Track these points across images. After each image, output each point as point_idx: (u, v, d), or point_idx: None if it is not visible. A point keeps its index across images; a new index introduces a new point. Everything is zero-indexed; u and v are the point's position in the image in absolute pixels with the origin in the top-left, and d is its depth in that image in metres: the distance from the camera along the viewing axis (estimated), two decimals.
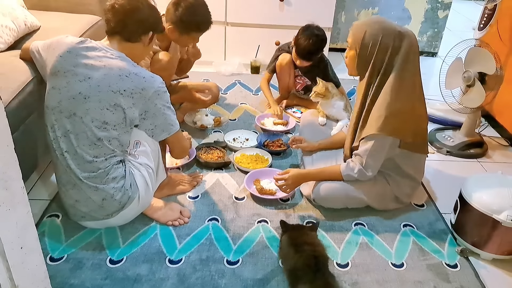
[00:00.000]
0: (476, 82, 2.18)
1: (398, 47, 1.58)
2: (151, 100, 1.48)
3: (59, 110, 1.46)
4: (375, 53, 1.60)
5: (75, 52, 1.47)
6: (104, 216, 1.55)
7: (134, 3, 1.50)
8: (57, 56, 1.47)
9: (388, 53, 1.59)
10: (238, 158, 2.11)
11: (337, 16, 3.61)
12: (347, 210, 1.79)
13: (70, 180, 1.49)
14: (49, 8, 2.47)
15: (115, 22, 1.49)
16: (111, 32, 1.52)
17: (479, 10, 2.33)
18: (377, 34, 1.58)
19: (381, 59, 1.60)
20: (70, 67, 1.45)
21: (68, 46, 1.48)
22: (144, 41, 1.55)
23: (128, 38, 1.52)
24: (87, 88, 1.43)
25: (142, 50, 1.58)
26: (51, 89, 1.48)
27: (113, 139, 1.47)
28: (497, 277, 1.55)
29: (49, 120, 1.48)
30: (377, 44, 1.58)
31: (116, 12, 1.48)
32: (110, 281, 1.43)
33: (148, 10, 1.53)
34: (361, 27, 1.63)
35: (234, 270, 1.50)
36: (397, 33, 1.59)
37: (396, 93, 1.59)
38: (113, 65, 1.45)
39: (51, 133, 1.48)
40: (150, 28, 1.55)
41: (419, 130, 1.70)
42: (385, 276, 1.51)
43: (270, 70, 2.64)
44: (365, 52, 1.61)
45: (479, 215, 1.55)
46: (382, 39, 1.58)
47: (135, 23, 1.51)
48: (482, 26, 2.28)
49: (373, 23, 1.62)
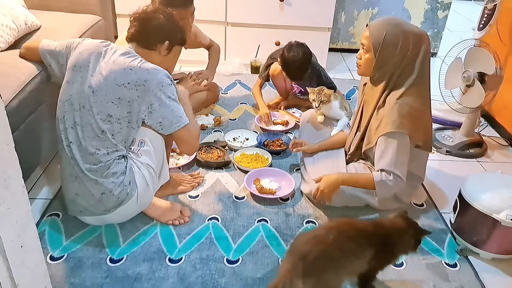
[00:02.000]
0: (475, 82, 2.18)
1: (418, 50, 1.59)
2: (155, 92, 1.50)
3: (70, 103, 1.52)
4: (395, 56, 1.59)
5: (94, 50, 1.55)
6: (102, 211, 1.56)
7: (154, 13, 1.60)
8: (77, 53, 1.56)
9: (407, 56, 1.59)
10: (238, 157, 2.11)
11: (337, 16, 3.62)
12: (347, 210, 1.79)
13: (73, 172, 1.52)
14: (50, 8, 2.47)
15: (134, 28, 1.58)
16: (130, 38, 1.60)
17: (479, 11, 2.33)
18: (397, 37, 1.58)
19: (400, 61, 1.60)
20: (86, 63, 1.53)
21: (90, 45, 1.57)
22: (160, 49, 1.61)
23: (143, 45, 1.59)
24: (96, 82, 1.49)
25: (159, 59, 1.62)
26: (65, 83, 1.56)
27: (117, 133, 1.51)
28: (497, 276, 1.56)
29: (60, 112, 1.54)
30: (398, 47, 1.58)
31: (136, 19, 1.59)
32: (110, 280, 1.43)
33: (166, 21, 1.60)
34: (380, 29, 1.60)
35: (234, 269, 1.50)
36: (416, 36, 1.59)
37: (414, 95, 1.60)
38: (120, 60, 1.51)
39: (61, 124, 1.53)
40: (165, 37, 1.60)
41: (428, 129, 1.72)
42: (384, 275, 1.51)
43: (262, 78, 2.65)
44: (385, 54, 1.60)
45: (479, 215, 1.55)
46: (402, 42, 1.57)
47: (151, 31, 1.58)
48: (481, 26, 2.28)
49: (393, 25, 1.60)
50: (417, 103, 1.61)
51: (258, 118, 2.49)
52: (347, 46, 3.79)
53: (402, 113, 1.59)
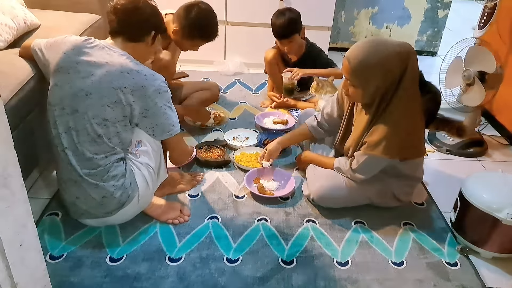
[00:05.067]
0: (476, 81, 2.18)
1: (404, 69, 1.50)
2: (152, 98, 1.48)
3: (61, 107, 1.46)
4: (380, 84, 1.52)
5: (79, 49, 1.48)
6: (104, 213, 1.55)
7: (135, 3, 1.51)
8: (61, 53, 1.48)
9: (396, 78, 1.51)
10: (238, 156, 2.11)
11: (337, 15, 3.61)
12: (347, 209, 1.79)
13: (71, 177, 1.50)
14: (49, 7, 2.47)
15: (117, 22, 1.50)
16: (114, 33, 1.53)
17: (479, 10, 2.33)
18: (378, 63, 1.48)
19: (387, 86, 1.53)
20: (73, 64, 1.46)
21: (72, 44, 1.50)
22: (147, 41, 1.56)
23: (131, 38, 1.53)
24: (89, 85, 1.44)
25: (146, 50, 1.59)
26: (53, 86, 1.49)
27: (114, 137, 1.48)
28: (497, 275, 1.55)
29: (51, 116, 1.49)
30: (382, 73, 1.50)
31: (118, 12, 1.49)
32: (109, 279, 1.43)
33: (149, 9, 1.54)
34: (359, 62, 1.49)
35: (234, 268, 1.50)
36: (398, 55, 1.49)
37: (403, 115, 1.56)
38: (115, 62, 1.46)
39: (53, 129, 1.49)
40: (152, 28, 1.56)
41: (418, 142, 1.69)
42: (385, 274, 1.51)
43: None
44: (370, 84, 1.53)
45: (479, 214, 1.55)
46: (385, 66, 1.49)
47: (137, 23, 1.52)
48: (482, 25, 2.28)
49: (371, 53, 1.49)
50: (406, 123, 1.57)
51: (258, 117, 2.49)
52: (347, 45, 3.79)
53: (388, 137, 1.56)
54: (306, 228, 1.70)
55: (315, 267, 1.52)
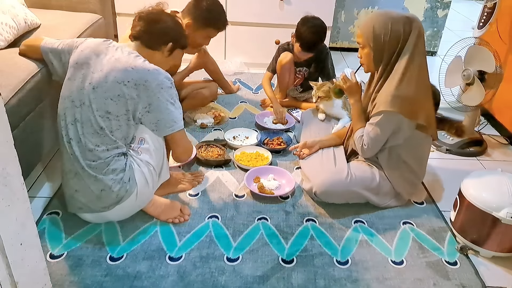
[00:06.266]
0: (475, 81, 2.18)
1: (409, 31, 1.62)
2: (154, 93, 1.50)
3: (70, 100, 1.52)
4: (387, 42, 1.63)
5: (96, 48, 1.56)
6: (101, 208, 1.56)
7: (159, 15, 1.63)
8: (79, 51, 1.58)
9: (400, 39, 1.62)
10: (238, 156, 2.11)
11: (336, 15, 3.62)
12: (346, 207, 1.80)
13: (73, 169, 1.53)
14: (50, 6, 2.47)
15: (139, 27, 1.59)
16: (134, 37, 1.61)
17: (479, 10, 2.33)
18: (386, 23, 1.62)
19: (394, 45, 1.63)
20: (87, 61, 1.54)
21: (91, 43, 1.59)
22: (163, 50, 1.63)
23: (147, 45, 1.60)
24: (96, 79, 1.50)
25: (160, 59, 1.64)
26: (67, 80, 1.57)
27: (116, 130, 1.51)
28: (497, 274, 1.56)
29: (61, 109, 1.55)
30: (389, 33, 1.62)
31: (141, 19, 1.60)
32: (110, 278, 1.43)
33: (171, 23, 1.64)
34: (368, 23, 1.66)
35: (234, 267, 1.50)
36: (405, 19, 1.63)
37: (407, 75, 1.61)
38: (122, 58, 1.51)
39: (62, 121, 1.54)
40: (170, 40, 1.63)
41: (430, 110, 1.71)
42: (385, 273, 1.51)
43: (271, 70, 2.63)
44: (379, 43, 1.64)
45: (479, 213, 1.55)
46: (391, 27, 1.61)
47: (156, 32, 1.60)
48: (481, 25, 2.28)
49: (378, 15, 1.66)
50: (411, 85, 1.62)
51: (258, 116, 2.49)
52: (347, 45, 3.79)
53: (396, 94, 1.61)
54: (306, 227, 1.70)
55: (315, 266, 1.52)
